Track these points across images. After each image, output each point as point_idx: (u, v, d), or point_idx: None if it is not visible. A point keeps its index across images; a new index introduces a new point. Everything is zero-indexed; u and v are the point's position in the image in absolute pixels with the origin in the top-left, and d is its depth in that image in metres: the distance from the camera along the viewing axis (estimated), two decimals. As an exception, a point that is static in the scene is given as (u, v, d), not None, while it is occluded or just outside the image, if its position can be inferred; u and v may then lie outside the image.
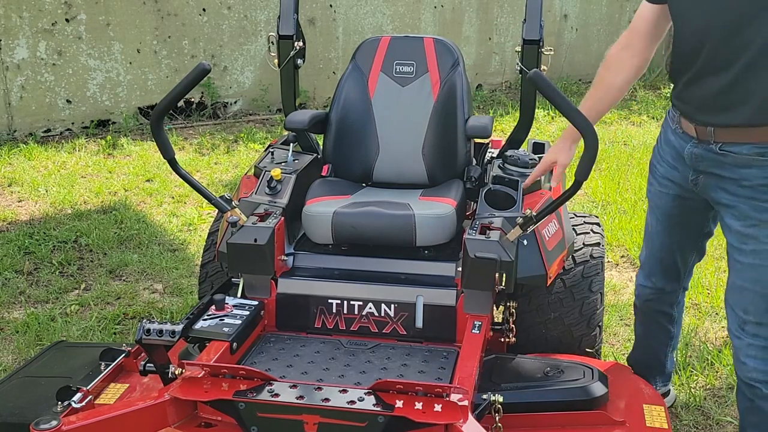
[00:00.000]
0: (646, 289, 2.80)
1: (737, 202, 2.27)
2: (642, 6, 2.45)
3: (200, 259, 3.36)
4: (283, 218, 2.74)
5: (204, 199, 2.69)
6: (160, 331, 2.27)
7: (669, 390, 3.08)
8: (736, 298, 2.33)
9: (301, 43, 3.23)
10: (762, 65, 2.13)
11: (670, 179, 2.51)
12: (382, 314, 2.64)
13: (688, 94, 2.33)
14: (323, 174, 3.13)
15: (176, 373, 2.25)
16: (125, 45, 6.73)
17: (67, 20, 6.42)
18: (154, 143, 3.62)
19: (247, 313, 2.52)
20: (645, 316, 2.89)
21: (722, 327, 3.66)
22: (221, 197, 2.69)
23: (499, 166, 2.97)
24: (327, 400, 2.06)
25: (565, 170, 2.67)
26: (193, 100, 7.27)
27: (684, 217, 2.55)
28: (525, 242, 2.62)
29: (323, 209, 2.78)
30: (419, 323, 2.61)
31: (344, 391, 2.09)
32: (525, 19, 3.02)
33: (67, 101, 6.60)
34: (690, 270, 2.75)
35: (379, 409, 2.01)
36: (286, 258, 2.79)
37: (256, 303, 2.60)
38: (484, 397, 2.20)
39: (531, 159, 2.95)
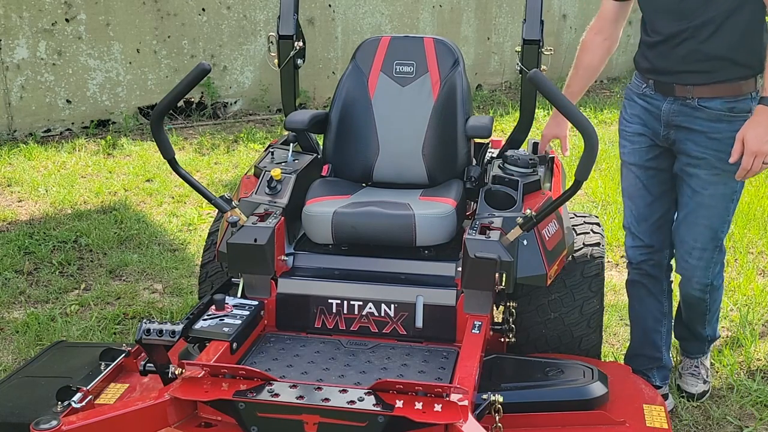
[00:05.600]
0: (637, 249, 2.99)
1: (706, 154, 2.69)
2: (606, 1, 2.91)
3: (200, 259, 3.36)
4: (283, 218, 2.74)
5: (204, 199, 2.70)
6: (160, 331, 2.27)
7: (667, 394, 3.09)
8: (687, 231, 2.81)
9: (301, 43, 3.23)
10: (726, 30, 2.58)
11: (641, 134, 2.87)
12: (382, 314, 2.64)
13: (664, 63, 2.72)
14: (323, 174, 3.13)
15: (176, 373, 2.24)
16: (125, 45, 6.73)
17: (67, 20, 6.42)
18: (154, 143, 3.62)
19: (247, 313, 2.52)
20: (639, 288, 3.04)
21: (722, 327, 3.66)
22: (221, 197, 2.69)
23: (499, 166, 2.97)
24: (327, 400, 2.06)
25: (567, 139, 3.12)
26: (193, 100, 7.27)
27: (659, 163, 2.88)
28: (525, 242, 2.62)
29: (323, 209, 2.78)
30: (419, 323, 2.61)
31: (344, 391, 2.09)
32: (525, 19, 3.02)
33: (67, 101, 6.60)
34: (669, 226, 2.98)
35: (379, 409, 2.01)
36: (286, 258, 2.79)
37: (256, 303, 2.60)
38: (484, 397, 2.20)
39: (531, 159, 2.95)
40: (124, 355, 2.60)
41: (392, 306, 2.64)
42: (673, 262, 3.05)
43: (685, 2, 2.62)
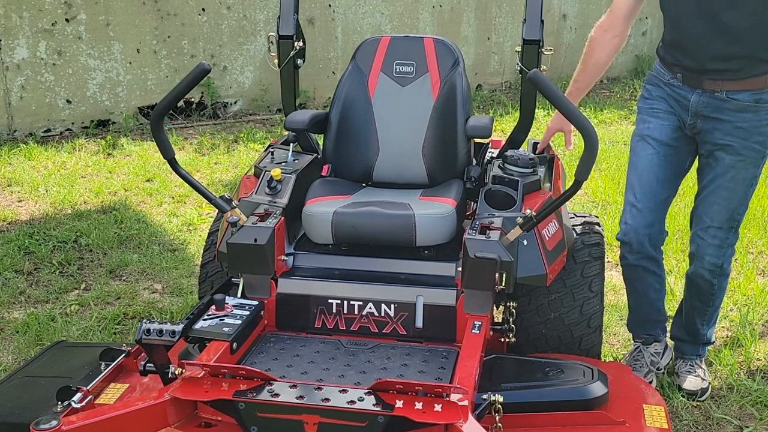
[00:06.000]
0: (640, 229, 2.99)
1: (732, 141, 2.81)
2: None
3: (200, 259, 3.36)
4: (283, 218, 2.74)
5: (204, 199, 2.69)
6: (160, 331, 2.27)
7: (666, 344, 3.26)
8: (706, 209, 2.93)
9: (301, 43, 3.23)
10: (752, 31, 2.68)
11: (671, 113, 2.94)
12: (382, 314, 2.64)
13: (691, 62, 2.81)
14: (323, 174, 3.13)
15: (176, 373, 2.25)
16: (125, 45, 6.73)
17: (67, 20, 6.42)
18: (154, 143, 3.62)
19: (247, 313, 2.52)
20: (639, 270, 3.08)
21: (722, 327, 3.66)
22: (221, 197, 2.69)
23: (499, 166, 2.97)
24: (327, 400, 2.06)
25: (571, 133, 3.11)
26: (193, 100, 7.27)
27: (681, 144, 2.96)
28: (525, 242, 2.62)
29: (323, 209, 2.78)
30: (419, 323, 2.61)
31: (344, 391, 2.09)
32: (525, 19, 3.02)
33: (67, 101, 6.60)
34: (667, 208, 3.07)
35: (379, 409, 2.01)
36: (286, 258, 2.79)
37: (256, 303, 2.60)
38: (484, 397, 2.20)
39: (531, 159, 2.95)
40: (124, 355, 2.59)
41: (392, 306, 2.64)
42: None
43: (710, 4, 2.68)
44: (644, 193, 2.98)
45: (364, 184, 3.18)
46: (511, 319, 2.75)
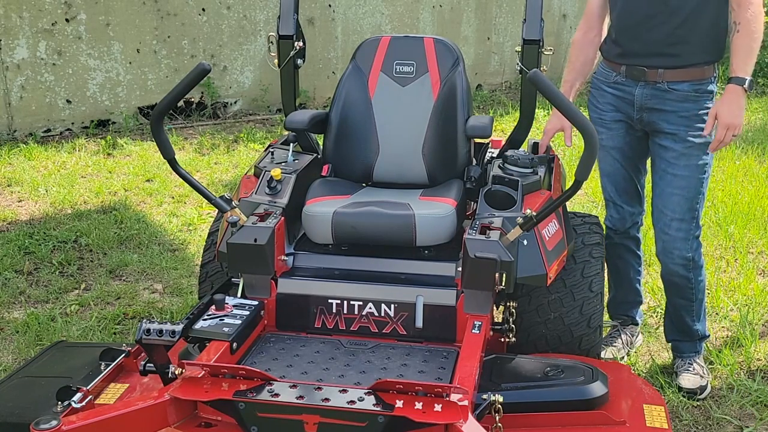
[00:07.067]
0: (624, 219, 3.27)
1: (677, 129, 2.94)
2: None
3: (200, 259, 3.36)
4: (283, 218, 2.74)
5: (204, 199, 2.70)
6: (160, 331, 2.27)
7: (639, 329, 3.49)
8: (665, 202, 3.02)
9: (301, 43, 3.23)
10: (697, 17, 2.83)
11: (617, 120, 3.11)
12: (382, 314, 2.64)
13: (637, 46, 2.95)
14: (323, 174, 3.13)
15: (176, 373, 2.25)
16: (125, 45, 6.73)
17: (67, 20, 6.42)
18: (154, 143, 3.62)
19: (247, 313, 2.52)
20: (622, 249, 3.33)
21: (722, 327, 3.66)
22: (221, 197, 2.69)
23: (499, 166, 2.97)
24: (327, 400, 2.06)
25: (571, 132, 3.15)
26: (193, 100, 7.27)
27: (634, 145, 3.15)
28: (525, 242, 2.62)
29: (323, 209, 2.78)
30: (419, 323, 2.61)
31: (344, 391, 2.09)
32: (525, 19, 3.02)
33: (67, 101, 6.60)
34: (643, 190, 3.30)
35: (379, 409, 2.01)
36: (286, 258, 2.79)
37: (256, 303, 2.60)
38: (484, 397, 2.20)
39: (531, 159, 2.95)
40: (124, 355, 2.59)
41: (392, 306, 2.64)
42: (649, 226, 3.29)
43: None
44: (617, 191, 3.24)
45: (364, 184, 3.17)
46: (511, 319, 2.74)
